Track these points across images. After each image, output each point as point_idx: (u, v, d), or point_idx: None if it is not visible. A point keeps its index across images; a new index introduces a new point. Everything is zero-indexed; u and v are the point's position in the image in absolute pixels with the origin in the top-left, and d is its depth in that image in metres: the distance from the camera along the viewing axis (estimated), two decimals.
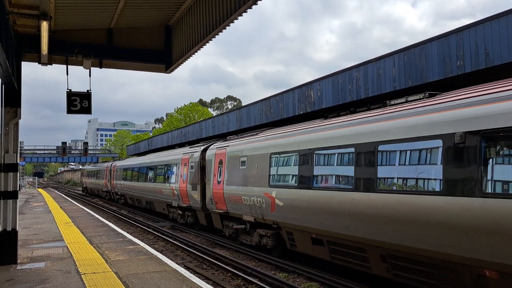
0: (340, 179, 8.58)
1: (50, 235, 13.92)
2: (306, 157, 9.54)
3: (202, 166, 15.68)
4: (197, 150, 16.64)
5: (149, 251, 10.90)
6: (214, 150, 14.86)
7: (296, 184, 9.78)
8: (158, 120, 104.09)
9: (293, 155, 10.13)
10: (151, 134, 79.90)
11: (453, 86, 9.63)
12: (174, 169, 18.66)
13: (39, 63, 9.59)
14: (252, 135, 13.17)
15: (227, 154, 13.61)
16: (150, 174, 22.65)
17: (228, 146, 13.83)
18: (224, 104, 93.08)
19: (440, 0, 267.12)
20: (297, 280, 9.70)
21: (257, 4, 6.80)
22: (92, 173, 43.69)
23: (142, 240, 13.86)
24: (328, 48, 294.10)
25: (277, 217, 10.62)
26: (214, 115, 59.62)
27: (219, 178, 13.80)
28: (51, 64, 9.93)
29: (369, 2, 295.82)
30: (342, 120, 9.05)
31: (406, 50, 10.83)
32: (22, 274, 8.53)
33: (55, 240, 12.98)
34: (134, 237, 14.00)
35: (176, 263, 10.04)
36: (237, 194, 12.55)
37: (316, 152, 9.27)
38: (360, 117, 8.54)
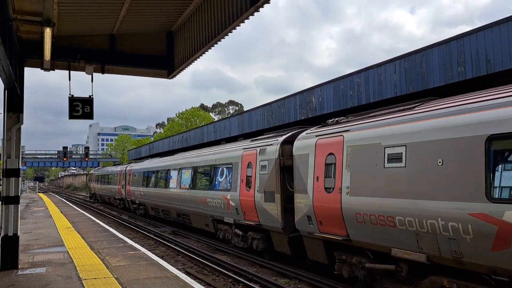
0: None
1: (51, 240, 13.91)
2: None
3: (283, 166, 10.79)
4: (271, 142, 11.53)
5: (150, 256, 10.89)
6: (312, 139, 9.72)
7: None
8: (159, 125, 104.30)
9: None
10: (152, 138, 80.00)
11: (453, 92, 9.66)
12: (229, 171, 13.62)
13: (42, 68, 9.66)
14: (405, 109, 7.85)
15: (346, 144, 8.53)
16: (186, 178, 17.45)
17: (348, 131, 8.68)
18: (225, 108, 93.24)
19: (438, 7, 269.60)
20: (299, 286, 9.68)
21: (259, 11, 6.85)
22: (102, 178, 37.74)
23: (143, 246, 13.84)
24: (328, 54, 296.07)
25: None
26: (216, 119, 59.75)
27: (330, 184, 8.86)
28: (54, 70, 9.98)
29: (368, 9, 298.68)
30: None
31: (407, 56, 10.86)
32: (23, 279, 8.52)
33: (56, 245, 12.97)
34: (135, 242, 13.98)
35: (177, 268, 10.02)
36: (379, 211, 7.47)
37: None
38: None
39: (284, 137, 11.20)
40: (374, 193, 7.69)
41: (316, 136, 9.69)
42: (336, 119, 9.84)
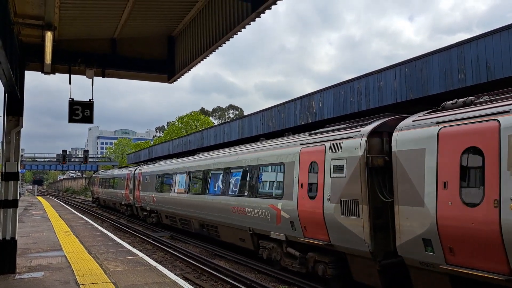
0: None
1: (49, 244, 13.85)
2: None
3: (372, 167, 8.18)
4: (349, 134, 8.87)
5: (148, 261, 10.82)
6: (430, 128, 7.08)
7: None
8: (159, 129, 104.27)
9: None
10: (151, 142, 79.95)
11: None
12: (279, 173, 11.01)
13: (43, 72, 9.65)
14: None
15: (507, 132, 5.98)
16: (214, 182, 14.80)
17: (506, 112, 6.13)
18: (225, 113, 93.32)
19: (436, 14, 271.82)
20: None
21: (260, 17, 6.86)
22: (106, 181, 34.90)
23: (141, 250, 13.78)
24: (327, 60, 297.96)
25: None
26: (216, 124, 59.78)
27: (473, 194, 6.28)
28: (54, 74, 9.99)
29: (367, 16, 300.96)
30: None
31: (407, 63, 10.88)
32: (21, 283, 8.46)
33: (53, 249, 12.90)
34: (133, 247, 13.91)
35: (175, 274, 9.96)
36: None
37: None
38: None
39: (371, 126, 8.43)
40: None
41: (438, 123, 6.91)
42: (462, 100, 7.19)
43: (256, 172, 12.05)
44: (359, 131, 8.61)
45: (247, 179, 12.47)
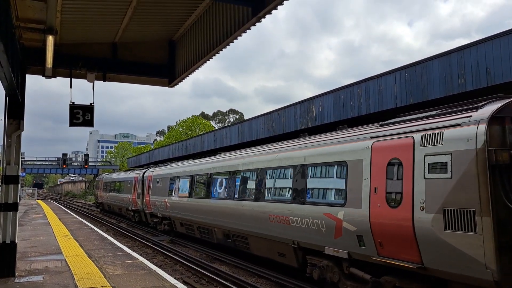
0: None
1: (49, 248, 13.83)
2: None
3: (495, 165, 6.04)
4: (453, 120, 6.67)
5: (148, 265, 10.80)
6: None
7: None
8: (159, 133, 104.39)
9: None
10: (152, 146, 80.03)
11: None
12: (339, 174, 8.78)
13: (44, 76, 9.70)
14: None
15: None
16: (246, 185, 12.48)
17: None
18: (226, 117, 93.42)
19: (435, 20, 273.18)
20: None
21: (260, 22, 6.90)
22: (112, 185, 32.68)
23: (141, 254, 13.76)
24: (327, 65, 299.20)
25: None
26: (216, 128, 59.87)
27: None
28: (55, 77, 10.02)
29: (366, 21, 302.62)
30: None
31: (407, 67, 10.91)
32: (20, 287, 8.44)
33: (53, 253, 12.88)
34: (133, 251, 13.88)
35: (175, 278, 9.93)
36: None
37: None
38: None
39: (491, 109, 6.29)
40: None
41: None
42: None
43: (302, 173, 9.81)
44: (470, 116, 6.43)
45: (291, 182, 10.15)
